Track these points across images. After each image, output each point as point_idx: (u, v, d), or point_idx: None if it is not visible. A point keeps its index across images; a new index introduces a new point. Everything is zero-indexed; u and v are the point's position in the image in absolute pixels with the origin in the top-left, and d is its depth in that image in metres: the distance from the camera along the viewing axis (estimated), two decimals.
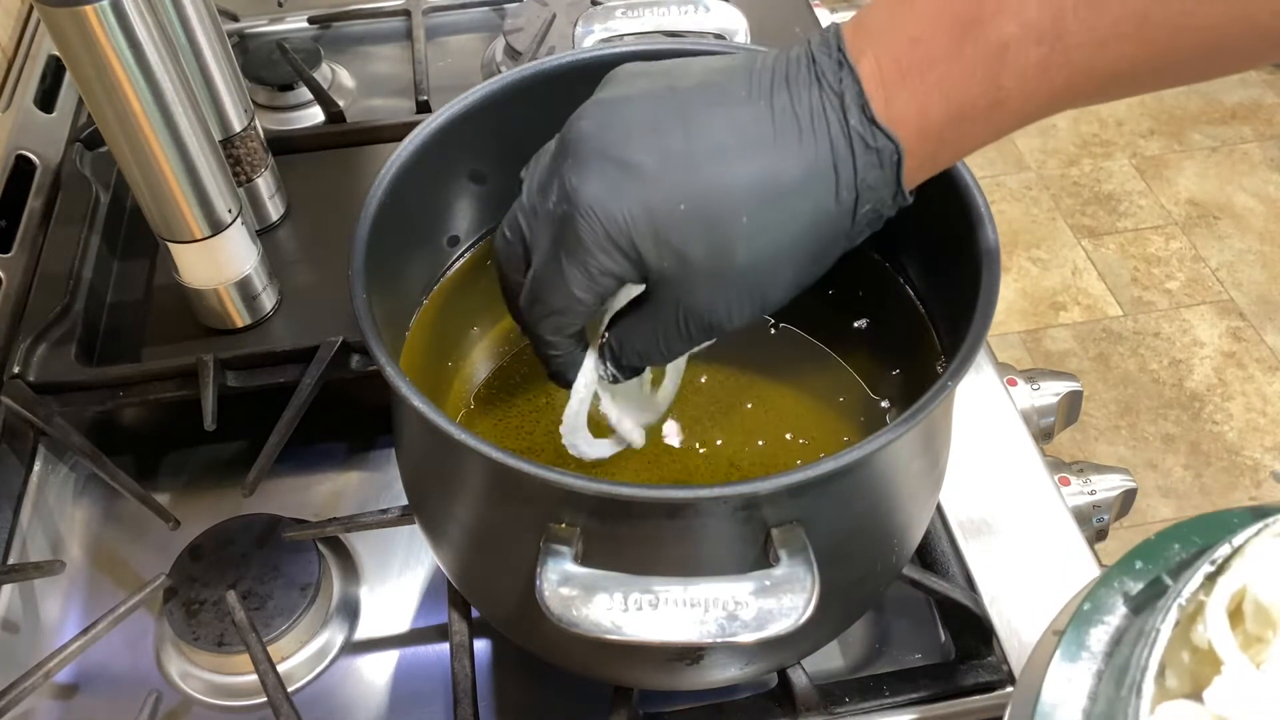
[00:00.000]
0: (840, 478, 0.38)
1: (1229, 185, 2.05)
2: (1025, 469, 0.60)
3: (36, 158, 0.76)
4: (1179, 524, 0.33)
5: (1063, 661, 0.31)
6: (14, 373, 0.62)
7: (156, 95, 0.54)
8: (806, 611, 0.35)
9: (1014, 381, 0.68)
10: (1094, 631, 0.32)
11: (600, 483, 0.37)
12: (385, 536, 0.60)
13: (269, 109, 0.85)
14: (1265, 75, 2.27)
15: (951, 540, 0.56)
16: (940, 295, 0.51)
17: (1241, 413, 1.70)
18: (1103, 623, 0.32)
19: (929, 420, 0.39)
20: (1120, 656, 0.30)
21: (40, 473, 0.63)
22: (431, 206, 0.52)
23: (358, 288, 0.42)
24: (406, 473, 0.49)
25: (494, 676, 0.54)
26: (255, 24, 0.93)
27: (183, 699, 0.54)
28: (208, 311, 0.65)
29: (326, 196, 0.77)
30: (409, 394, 0.38)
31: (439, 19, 0.94)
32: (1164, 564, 0.32)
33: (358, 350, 0.63)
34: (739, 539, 0.38)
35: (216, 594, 0.54)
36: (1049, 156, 2.12)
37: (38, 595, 0.59)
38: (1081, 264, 1.92)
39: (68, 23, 0.50)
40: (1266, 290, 1.87)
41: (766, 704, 0.51)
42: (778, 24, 0.90)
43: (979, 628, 0.53)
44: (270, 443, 0.59)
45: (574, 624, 0.35)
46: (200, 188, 0.59)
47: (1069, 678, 0.31)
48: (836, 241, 0.37)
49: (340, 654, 0.56)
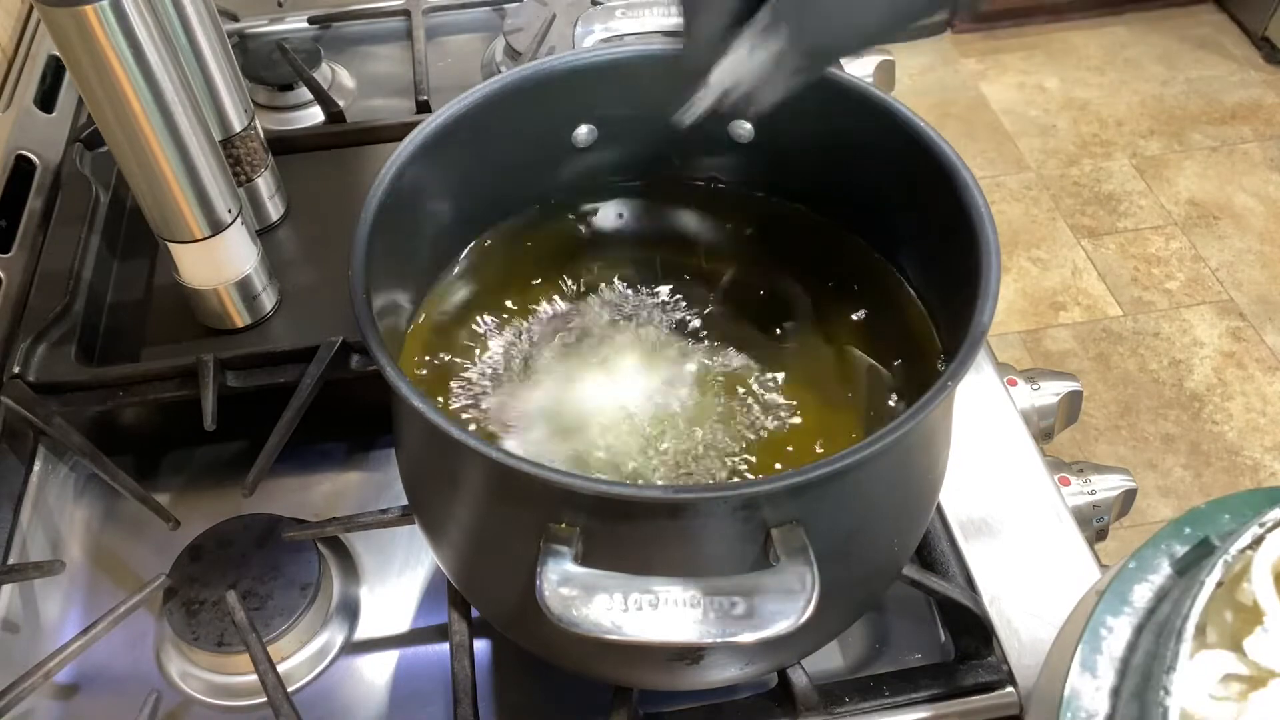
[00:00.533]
0: (840, 478, 0.38)
1: (1229, 185, 2.05)
2: (1025, 469, 0.60)
3: (36, 158, 0.76)
4: (1233, 495, 0.33)
5: (1104, 614, 0.32)
6: (14, 373, 0.62)
7: (156, 95, 0.54)
8: (806, 611, 0.35)
9: (1014, 381, 0.68)
10: (1137, 588, 0.32)
11: (600, 482, 0.37)
12: (385, 536, 0.60)
13: (269, 109, 0.85)
14: (1265, 75, 2.27)
15: (951, 540, 0.56)
16: (940, 295, 0.51)
17: (1241, 413, 1.70)
18: (1147, 580, 0.32)
19: (929, 420, 0.39)
20: (1161, 613, 0.31)
21: (40, 473, 0.63)
22: (431, 206, 0.52)
23: (358, 288, 0.42)
24: (406, 473, 0.49)
25: (494, 676, 0.54)
26: (255, 24, 0.93)
27: (183, 699, 0.54)
28: (208, 311, 0.65)
29: (326, 196, 0.77)
30: (409, 394, 0.38)
31: (439, 19, 0.94)
32: (1214, 529, 0.32)
33: (358, 350, 0.63)
34: (739, 539, 0.38)
35: (216, 594, 0.54)
36: (1049, 156, 2.12)
37: (38, 595, 0.59)
38: (1081, 264, 1.92)
39: (68, 23, 0.50)
40: (1266, 290, 1.87)
41: (766, 704, 0.51)
42: None
43: (979, 628, 0.53)
44: (270, 443, 0.59)
45: (574, 624, 0.35)
46: (200, 188, 0.59)
47: (1110, 628, 0.32)
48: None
49: (340, 654, 0.56)
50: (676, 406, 0.50)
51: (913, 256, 0.53)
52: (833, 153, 0.54)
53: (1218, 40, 2.37)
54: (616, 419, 0.49)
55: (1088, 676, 0.31)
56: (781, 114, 0.54)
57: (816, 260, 0.56)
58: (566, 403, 0.50)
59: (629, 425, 0.49)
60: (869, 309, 0.54)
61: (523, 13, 0.90)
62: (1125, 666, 0.31)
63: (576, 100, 0.54)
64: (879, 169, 0.52)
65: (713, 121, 0.56)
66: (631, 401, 0.50)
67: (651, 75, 0.53)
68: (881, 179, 0.52)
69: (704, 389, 0.51)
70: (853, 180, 0.54)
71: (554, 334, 0.53)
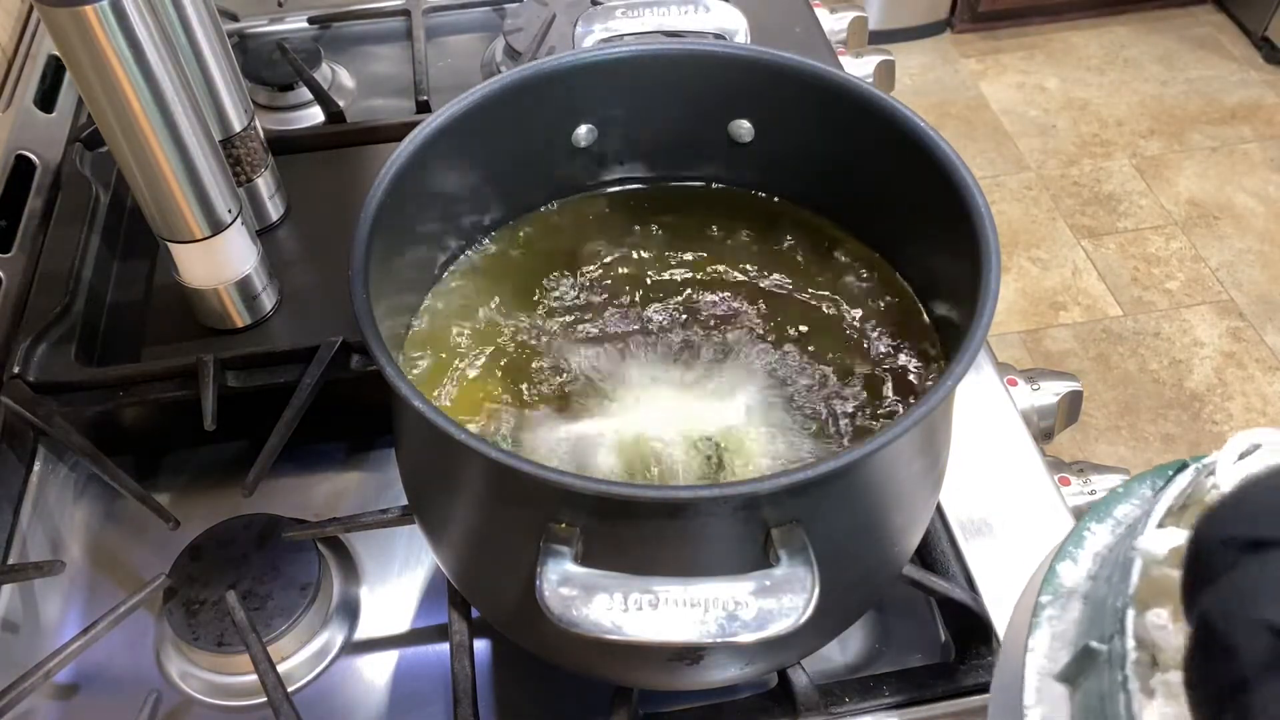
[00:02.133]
0: (840, 478, 0.38)
1: (1229, 185, 2.05)
2: (1025, 469, 0.60)
3: (36, 158, 0.76)
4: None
5: (1091, 521, 0.35)
6: (14, 373, 0.62)
7: (156, 95, 0.54)
8: (806, 611, 0.35)
9: (1014, 381, 0.68)
10: (1121, 506, 0.36)
11: (600, 482, 0.37)
12: (385, 536, 0.60)
13: (269, 109, 0.85)
14: (1265, 75, 2.27)
15: (951, 540, 0.56)
16: (940, 295, 0.51)
17: (1241, 413, 1.70)
18: (1131, 502, 0.36)
19: (929, 420, 0.39)
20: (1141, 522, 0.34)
21: (40, 473, 0.63)
22: (431, 206, 0.52)
23: (358, 288, 0.42)
24: (406, 473, 0.49)
25: (494, 676, 0.54)
26: (255, 24, 0.93)
27: (183, 699, 0.54)
28: (208, 311, 0.65)
29: (326, 196, 0.77)
30: (409, 394, 0.38)
31: (439, 19, 0.94)
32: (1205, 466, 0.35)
33: (358, 350, 0.63)
34: (739, 539, 0.38)
35: (216, 594, 0.54)
36: (1049, 156, 2.12)
37: (38, 595, 0.59)
38: (1081, 264, 1.92)
39: (68, 23, 0.50)
40: (1266, 290, 1.87)
41: (766, 704, 0.51)
42: (778, 24, 0.90)
43: (979, 628, 0.53)
44: (270, 443, 0.59)
45: (574, 624, 0.35)
46: (200, 188, 0.59)
47: (1094, 531, 0.35)
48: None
49: (340, 654, 0.56)
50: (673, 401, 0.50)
51: (912, 257, 0.53)
52: (833, 153, 0.54)
53: (1218, 40, 2.37)
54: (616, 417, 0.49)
55: (1068, 562, 0.35)
56: (781, 114, 0.54)
57: (816, 260, 0.56)
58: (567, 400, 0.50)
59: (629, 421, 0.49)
60: (868, 309, 0.54)
61: (523, 13, 0.90)
62: (1100, 562, 0.35)
63: (576, 100, 0.54)
64: (879, 169, 0.52)
65: (713, 121, 0.56)
66: (630, 397, 0.50)
67: (651, 75, 0.54)
68: (881, 179, 0.52)
69: (704, 387, 0.51)
70: (853, 180, 0.54)
71: (554, 333, 0.53)
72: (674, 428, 0.48)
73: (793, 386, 0.51)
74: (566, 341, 0.53)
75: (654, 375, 0.51)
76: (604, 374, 0.51)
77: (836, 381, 0.51)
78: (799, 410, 0.50)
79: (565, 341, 0.53)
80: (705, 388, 0.51)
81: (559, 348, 0.52)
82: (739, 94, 0.54)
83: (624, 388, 0.50)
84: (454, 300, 0.55)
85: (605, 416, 0.49)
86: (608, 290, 0.55)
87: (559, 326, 0.53)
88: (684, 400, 0.50)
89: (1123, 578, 0.31)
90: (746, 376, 0.51)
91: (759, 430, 0.49)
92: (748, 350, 0.52)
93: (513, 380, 0.52)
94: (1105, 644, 0.30)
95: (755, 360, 0.52)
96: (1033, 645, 0.33)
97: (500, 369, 0.52)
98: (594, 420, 0.49)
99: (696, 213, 0.58)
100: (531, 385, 0.51)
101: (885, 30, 2.34)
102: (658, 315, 0.54)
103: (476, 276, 0.55)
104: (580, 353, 0.52)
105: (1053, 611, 0.34)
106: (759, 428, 0.49)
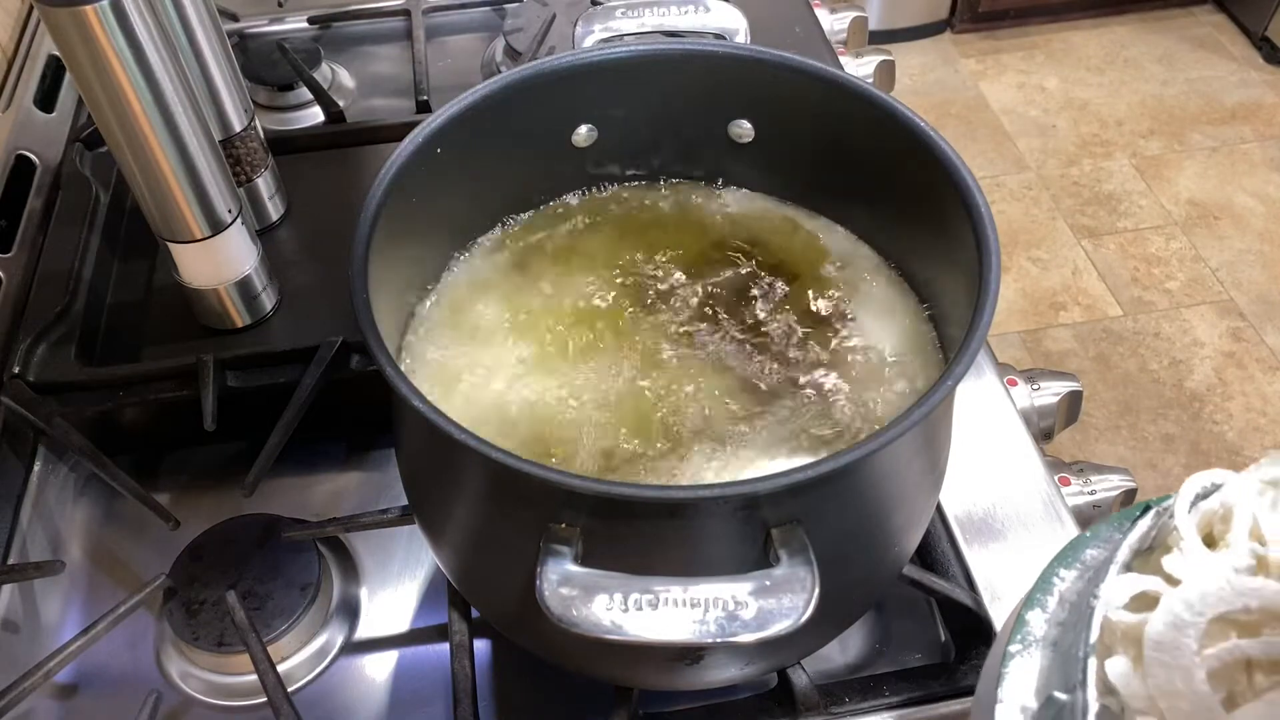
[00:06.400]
0: (840, 478, 0.38)
1: (1229, 185, 2.05)
2: (1025, 469, 0.60)
3: (36, 158, 0.76)
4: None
5: (1059, 566, 0.36)
6: (14, 373, 0.62)
7: (156, 95, 0.54)
8: (806, 611, 0.35)
9: (1014, 381, 0.68)
10: (1089, 550, 0.37)
11: (600, 483, 0.37)
12: (385, 536, 0.60)
13: (269, 109, 0.85)
14: (1265, 75, 2.27)
15: (951, 540, 0.56)
16: (940, 295, 0.51)
17: (1241, 413, 1.70)
18: (1098, 545, 0.37)
19: (929, 420, 0.39)
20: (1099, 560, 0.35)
21: (40, 473, 0.63)
22: (431, 206, 0.52)
23: (358, 288, 0.42)
24: (406, 473, 0.49)
25: (494, 676, 0.54)
26: (255, 24, 0.93)
27: (183, 699, 0.54)
28: (208, 311, 0.65)
29: (326, 196, 0.77)
30: (409, 394, 0.38)
31: (439, 19, 0.94)
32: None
33: (358, 350, 0.63)
34: (739, 539, 0.38)
35: (216, 594, 0.54)
36: (1049, 156, 2.12)
37: (38, 595, 0.59)
38: (1081, 264, 1.92)
39: (68, 23, 0.50)
40: (1266, 290, 1.87)
41: (766, 704, 0.51)
42: (778, 24, 0.90)
43: (979, 628, 0.53)
44: (270, 443, 0.59)
45: (574, 624, 0.35)
46: (200, 188, 0.59)
47: (1063, 577, 0.36)
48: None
49: (340, 654, 0.56)
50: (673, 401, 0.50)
51: (912, 256, 0.53)
52: (833, 153, 0.54)
53: (1217, 40, 2.37)
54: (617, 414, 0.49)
55: (1036, 610, 0.35)
56: (781, 114, 0.54)
57: (815, 260, 0.56)
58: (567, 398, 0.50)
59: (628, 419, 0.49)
60: (868, 308, 0.54)
61: (523, 13, 0.90)
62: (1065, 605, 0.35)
63: (576, 100, 0.54)
64: (879, 169, 0.52)
65: (713, 121, 0.56)
66: (630, 393, 0.50)
67: (651, 75, 0.54)
68: (881, 179, 0.52)
69: (702, 388, 0.51)
70: (852, 181, 0.54)
71: (554, 333, 0.53)
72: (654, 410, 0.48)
73: (786, 385, 0.51)
74: (564, 339, 0.53)
75: (651, 373, 0.51)
76: (600, 371, 0.51)
77: (835, 381, 0.51)
78: (793, 410, 0.50)
79: (563, 339, 0.53)
80: (704, 385, 0.51)
81: (556, 345, 0.52)
82: (739, 94, 0.54)
83: (619, 384, 0.50)
84: (454, 299, 0.54)
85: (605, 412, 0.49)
86: (606, 289, 0.55)
87: (557, 324, 0.53)
88: (673, 391, 0.50)
89: (1086, 626, 0.31)
90: (742, 379, 0.51)
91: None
92: (746, 350, 0.52)
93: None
94: (1069, 694, 0.30)
95: (753, 360, 0.52)
96: (1002, 696, 0.33)
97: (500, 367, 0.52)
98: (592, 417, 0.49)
99: (696, 213, 0.59)
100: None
101: (885, 30, 2.34)
102: (656, 315, 0.54)
103: (476, 275, 0.55)
104: (578, 350, 0.52)
105: (1022, 661, 0.34)
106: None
